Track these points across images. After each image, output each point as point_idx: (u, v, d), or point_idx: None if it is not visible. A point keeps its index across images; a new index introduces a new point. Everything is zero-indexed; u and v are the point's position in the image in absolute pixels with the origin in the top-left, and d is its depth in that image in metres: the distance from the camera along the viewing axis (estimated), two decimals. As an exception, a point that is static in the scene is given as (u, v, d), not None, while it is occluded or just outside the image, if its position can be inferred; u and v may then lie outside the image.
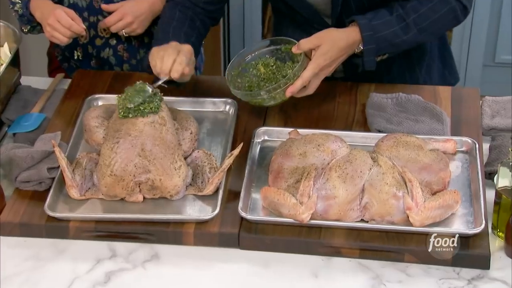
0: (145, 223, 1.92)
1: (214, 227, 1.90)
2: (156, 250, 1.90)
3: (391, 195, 1.88)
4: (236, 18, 3.88)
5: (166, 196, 1.98)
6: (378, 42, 2.13)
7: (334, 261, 1.87)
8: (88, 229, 1.92)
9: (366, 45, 2.13)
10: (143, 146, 1.96)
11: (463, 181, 2.00)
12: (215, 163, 2.03)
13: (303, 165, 1.96)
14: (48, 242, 1.92)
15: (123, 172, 1.94)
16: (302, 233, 1.89)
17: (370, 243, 1.86)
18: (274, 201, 1.91)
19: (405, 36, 2.14)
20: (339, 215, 1.90)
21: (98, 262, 1.88)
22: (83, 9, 2.44)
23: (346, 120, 2.21)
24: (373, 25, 2.13)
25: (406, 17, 2.14)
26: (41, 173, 2.00)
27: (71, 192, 1.97)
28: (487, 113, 2.20)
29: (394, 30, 2.13)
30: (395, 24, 2.14)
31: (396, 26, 2.13)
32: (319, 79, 2.13)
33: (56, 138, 2.10)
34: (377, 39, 2.13)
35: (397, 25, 2.14)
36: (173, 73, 2.09)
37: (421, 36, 2.16)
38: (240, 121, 2.20)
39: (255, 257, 1.88)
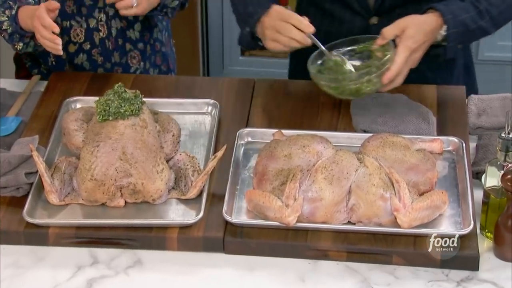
0: (127, 229, 1.88)
1: (198, 232, 1.87)
2: (139, 256, 1.87)
3: (378, 196, 1.85)
4: (215, 17, 3.84)
5: (148, 200, 1.94)
6: (459, 27, 2.09)
7: (321, 264, 1.84)
8: (68, 235, 1.88)
9: (449, 29, 2.09)
10: (124, 150, 1.92)
11: (450, 181, 1.98)
12: (198, 166, 2.00)
13: (288, 167, 1.93)
14: (27, 249, 1.88)
15: (104, 176, 1.90)
16: (288, 236, 1.86)
17: (358, 245, 1.83)
18: (259, 204, 1.88)
19: (480, 22, 2.11)
20: (325, 217, 1.87)
21: (79, 269, 1.84)
22: None
23: (331, 120, 2.18)
24: (452, 9, 2.10)
25: (478, 4, 2.11)
26: (18, 178, 1.96)
27: (50, 198, 1.93)
28: (473, 112, 2.18)
29: (471, 15, 2.11)
30: (470, 9, 2.11)
31: (472, 12, 2.11)
32: (407, 67, 2.07)
33: (33, 142, 2.06)
34: (458, 23, 2.09)
35: (472, 11, 2.11)
36: None
37: (491, 24, 2.13)
38: (222, 122, 2.17)
39: (240, 261, 1.85)
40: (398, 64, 2.04)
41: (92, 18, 2.38)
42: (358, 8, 2.26)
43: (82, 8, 2.37)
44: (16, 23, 2.24)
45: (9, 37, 2.28)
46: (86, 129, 2.02)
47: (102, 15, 2.38)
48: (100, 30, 2.40)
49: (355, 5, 2.26)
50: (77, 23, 2.38)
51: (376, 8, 2.25)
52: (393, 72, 2.04)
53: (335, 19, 2.29)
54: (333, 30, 2.27)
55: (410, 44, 2.05)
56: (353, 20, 2.28)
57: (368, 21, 2.27)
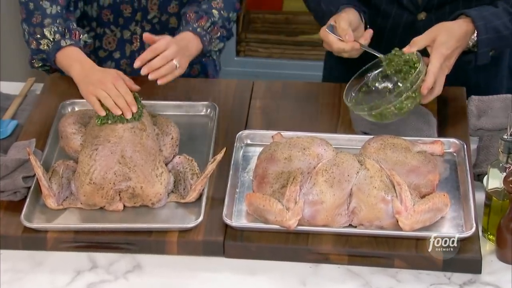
0: (127, 233, 1.86)
1: (198, 235, 1.85)
2: (138, 260, 1.85)
3: (379, 199, 1.84)
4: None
5: (147, 204, 1.92)
6: (491, 33, 2.07)
7: (323, 268, 1.82)
8: (66, 240, 1.86)
9: (480, 35, 2.06)
10: (123, 153, 1.90)
11: (452, 183, 1.96)
12: (197, 169, 1.98)
13: (288, 169, 1.91)
14: (25, 254, 1.86)
15: (102, 180, 1.88)
16: (289, 239, 1.84)
17: (359, 249, 1.82)
18: (259, 207, 1.86)
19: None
20: (326, 220, 1.85)
21: (78, 274, 1.82)
22: (92, 19, 2.34)
23: (330, 122, 2.16)
24: (484, 15, 2.07)
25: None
26: (16, 182, 1.93)
27: (48, 202, 1.91)
28: (474, 113, 2.17)
29: (503, 21, 2.08)
30: (503, 15, 2.08)
31: (504, 18, 2.08)
32: (443, 74, 2.04)
33: (30, 145, 2.03)
34: (489, 29, 2.06)
35: (505, 16, 2.08)
36: None
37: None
38: (221, 125, 2.15)
39: (241, 265, 1.83)
40: (433, 72, 2.00)
41: (127, 30, 2.34)
42: (407, 2, 2.21)
43: (120, 18, 2.33)
44: (55, 52, 2.14)
45: (36, 51, 2.19)
46: (84, 133, 2.01)
47: (138, 28, 2.35)
48: (133, 43, 2.37)
49: (404, 0, 2.21)
50: (111, 32, 2.35)
51: (425, 2, 2.20)
52: (430, 81, 2.00)
53: (380, 13, 2.25)
54: (377, 24, 2.21)
55: (444, 51, 2.02)
56: (400, 15, 2.24)
57: (416, 17, 2.23)
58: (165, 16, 2.33)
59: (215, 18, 2.22)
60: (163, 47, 2.07)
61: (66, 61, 2.14)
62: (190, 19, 2.22)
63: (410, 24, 2.23)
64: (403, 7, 2.23)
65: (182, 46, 2.13)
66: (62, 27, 2.17)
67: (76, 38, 2.17)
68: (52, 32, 2.16)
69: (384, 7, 2.25)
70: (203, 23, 2.20)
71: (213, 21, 2.22)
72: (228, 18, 2.26)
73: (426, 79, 2.01)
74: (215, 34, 2.23)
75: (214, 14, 2.22)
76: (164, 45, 2.08)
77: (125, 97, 1.98)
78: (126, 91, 1.99)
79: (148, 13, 2.31)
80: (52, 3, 2.18)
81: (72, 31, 2.17)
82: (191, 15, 2.22)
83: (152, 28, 2.33)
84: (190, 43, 2.17)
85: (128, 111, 1.95)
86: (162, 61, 2.06)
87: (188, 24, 2.21)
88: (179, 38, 2.16)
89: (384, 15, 2.25)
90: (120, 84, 2.01)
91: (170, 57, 2.07)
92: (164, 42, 2.08)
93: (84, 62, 2.12)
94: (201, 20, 2.21)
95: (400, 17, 2.24)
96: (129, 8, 2.30)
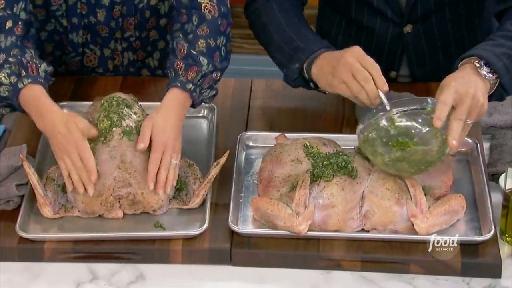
0: (128, 242, 1.79)
1: (204, 243, 1.78)
2: (141, 270, 1.78)
3: (393, 201, 1.77)
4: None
5: (148, 211, 1.85)
6: (503, 59, 1.88)
7: (335, 275, 1.76)
8: (65, 250, 1.78)
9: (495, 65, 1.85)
10: (123, 158, 1.83)
11: (466, 184, 1.90)
12: (199, 174, 1.91)
13: (296, 172, 1.84)
14: (21, 266, 1.79)
15: (101, 186, 1.81)
16: (299, 246, 1.77)
17: (373, 254, 1.75)
18: (267, 212, 1.79)
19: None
20: (338, 225, 1.78)
21: (78, 286, 1.75)
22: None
23: (335, 121, 2.10)
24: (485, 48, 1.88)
25: None
26: (9, 190, 1.86)
27: (44, 210, 1.83)
28: (485, 110, 2.11)
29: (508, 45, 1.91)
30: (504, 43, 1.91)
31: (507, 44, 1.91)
32: None
33: (22, 151, 1.95)
34: (499, 56, 1.88)
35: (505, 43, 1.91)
36: None
37: None
38: (220, 126, 2.08)
39: (249, 273, 1.77)
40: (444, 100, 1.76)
41: (107, 48, 2.25)
42: (390, 14, 2.11)
43: (97, 38, 2.23)
44: (16, 97, 1.91)
45: None
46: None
47: (118, 45, 2.24)
48: (115, 59, 2.27)
49: (387, 11, 2.11)
50: (91, 50, 2.25)
51: (407, 13, 2.11)
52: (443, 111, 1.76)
53: (363, 30, 2.16)
54: (362, 42, 2.08)
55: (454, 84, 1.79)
56: (385, 29, 2.14)
57: (402, 30, 2.14)
58: (144, 33, 2.24)
59: (204, 67, 1.97)
60: (159, 155, 1.86)
61: (28, 109, 1.92)
62: (179, 69, 1.97)
63: (397, 39, 2.16)
64: (387, 18, 2.14)
65: (174, 131, 1.89)
66: (16, 66, 1.92)
67: (33, 73, 1.94)
68: (7, 76, 1.92)
69: (367, 22, 2.16)
70: (192, 75, 1.96)
71: (203, 74, 1.97)
72: (218, 47, 2.00)
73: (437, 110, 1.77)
74: (207, 83, 1.99)
75: (203, 63, 1.96)
76: (160, 151, 1.86)
77: (87, 166, 1.81)
78: (88, 159, 1.81)
79: (125, 32, 2.22)
80: (7, 34, 1.96)
81: (27, 66, 1.93)
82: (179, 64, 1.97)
83: (131, 45, 2.24)
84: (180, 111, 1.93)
85: (90, 186, 1.80)
86: (166, 172, 1.87)
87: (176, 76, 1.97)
88: (166, 117, 1.90)
89: (368, 32, 2.17)
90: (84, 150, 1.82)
91: (169, 162, 1.87)
92: (159, 148, 1.86)
93: (43, 112, 1.88)
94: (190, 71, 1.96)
95: (386, 31, 2.16)
96: (106, 29, 2.21)
